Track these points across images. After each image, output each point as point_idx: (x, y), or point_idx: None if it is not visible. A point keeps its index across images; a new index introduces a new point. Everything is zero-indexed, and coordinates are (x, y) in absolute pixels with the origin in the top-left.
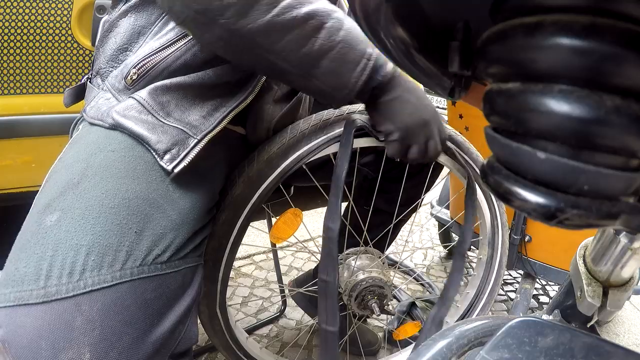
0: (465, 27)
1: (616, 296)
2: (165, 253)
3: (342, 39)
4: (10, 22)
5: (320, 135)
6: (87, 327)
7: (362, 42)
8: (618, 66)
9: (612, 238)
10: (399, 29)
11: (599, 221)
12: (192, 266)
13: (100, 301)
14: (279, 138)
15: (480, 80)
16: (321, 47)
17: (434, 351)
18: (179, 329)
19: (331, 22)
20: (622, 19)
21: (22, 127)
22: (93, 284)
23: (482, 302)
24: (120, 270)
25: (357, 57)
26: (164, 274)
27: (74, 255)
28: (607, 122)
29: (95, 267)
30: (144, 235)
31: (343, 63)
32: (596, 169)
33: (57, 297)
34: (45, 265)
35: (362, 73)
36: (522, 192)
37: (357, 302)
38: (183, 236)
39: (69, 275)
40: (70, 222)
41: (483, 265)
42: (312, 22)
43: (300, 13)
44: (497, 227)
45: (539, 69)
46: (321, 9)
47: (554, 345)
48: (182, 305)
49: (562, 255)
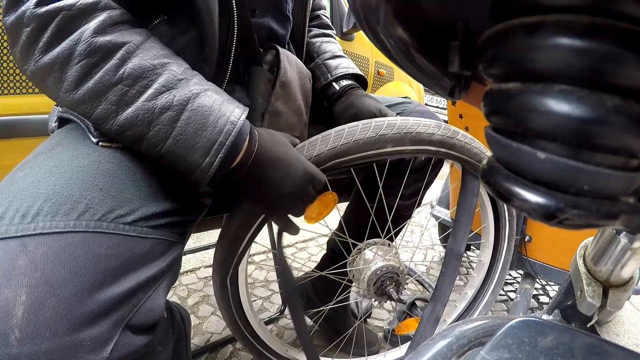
0: (465, 27)
1: (616, 296)
2: (129, 215)
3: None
4: None
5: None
6: (28, 268)
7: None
8: (618, 66)
9: (612, 238)
10: (398, 29)
11: (599, 221)
12: (165, 240)
13: (47, 245)
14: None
15: (480, 80)
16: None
17: (434, 351)
18: (138, 296)
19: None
20: (622, 19)
21: (22, 127)
22: (43, 228)
23: (483, 303)
24: (76, 220)
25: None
26: (125, 234)
27: (31, 201)
28: (607, 122)
29: (49, 213)
30: (109, 194)
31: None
32: (596, 169)
33: (5, 235)
34: (1, 209)
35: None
36: (522, 192)
37: (376, 288)
38: (153, 207)
39: (22, 218)
40: (36, 176)
41: (485, 267)
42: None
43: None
44: (503, 236)
45: (539, 69)
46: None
47: (554, 345)
48: (145, 274)
49: (562, 255)
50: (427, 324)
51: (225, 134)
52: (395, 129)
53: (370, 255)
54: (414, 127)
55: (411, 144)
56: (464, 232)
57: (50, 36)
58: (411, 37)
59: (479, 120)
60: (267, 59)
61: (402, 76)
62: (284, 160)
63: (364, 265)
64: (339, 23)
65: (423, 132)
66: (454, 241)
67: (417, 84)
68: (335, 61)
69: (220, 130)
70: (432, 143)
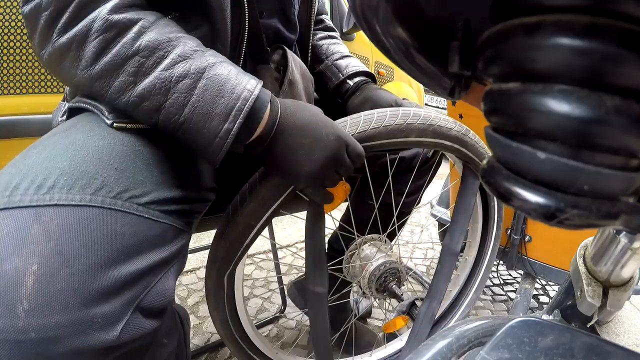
0: (465, 27)
1: (616, 296)
2: (143, 197)
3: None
4: (11, 22)
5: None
6: (42, 238)
7: (227, 93)
8: (618, 66)
9: (612, 238)
10: (398, 28)
11: (599, 221)
12: (176, 227)
13: (62, 216)
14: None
15: (480, 80)
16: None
17: (434, 351)
18: (149, 278)
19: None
20: (622, 19)
21: (22, 127)
22: (59, 199)
23: (467, 301)
24: (92, 195)
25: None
26: (139, 215)
27: (47, 174)
28: (607, 122)
29: (65, 186)
30: (124, 174)
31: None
32: (596, 169)
33: (19, 204)
34: (15, 180)
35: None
36: (522, 192)
37: (377, 285)
38: (165, 192)
39: (37, 189)
40: (52, 152)
41: (469, 266)
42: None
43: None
44: (490, 236)
45: (539, 69)
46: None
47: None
48: (157, 256)
49: (562, 255)
50: (422, 321)
51: (243, 100)
52: (421, 120)
53: (369, 252)
54: (437, 120)
55: (432, 136)
56: (461, 231)
57: (68, 17)
58: (411, 37)
59: (479, 120)
60: (274, 59)
61: (402, 76)
62: (312, 124)
63: (362, 262)
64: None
65: (443, 125)
66: (451, 239)
67: (417, 84)
68: (344, 61)
69: (238, 96)
70: (449, 138)
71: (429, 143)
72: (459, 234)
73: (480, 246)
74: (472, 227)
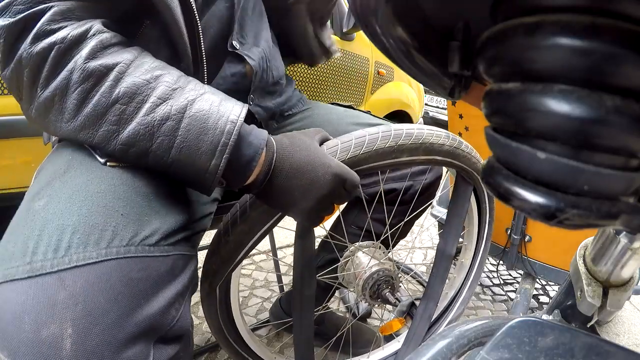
0: (465, 27)
1: (616, 296)
2: (152, 236)
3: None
4: None
5: None
6: (70, 302)
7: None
8: (618, 66)
9: (612, 238)
10: (398, 29)
11: (599, 221)
12: (184, 255)
13: (84, 277)
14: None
15: (480, 80)
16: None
17: (434, 351)
18: (171, 313)
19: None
20: (622, 19)
21: (22, 127)
22: (78, 260)
23: (460, 300)
24: (106, 249)
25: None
26: (151, 256)
27: (60, 234)
28: (607, 122)
29: (80, 244)
30: (130, 219)
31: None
32: (596, 169)
33: (41, 272)
34: (31, 244)
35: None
36: (522, 192)
37: (371, 292)
38: (170, 225)
39: (54, 252)
40: (57, 205)
41: (465, 269)
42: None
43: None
44: (482, 237)
45: (539, 69)
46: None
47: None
48: (172, 290)
49: (562, 255)
50: (420, 322)
51: (227, 134)
52: (413, 139)
53: (363, 259)
54: (429, 137)
55: (424, 154)
56: (455, 235)
57: (48, 70)
58: (411, 37)
59: (479, 120)
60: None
61: (402, 76)
62: (309, 166)
63: (355, 269)
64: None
65: (435, 142)
66: (445, 243)
67: (417, 84)
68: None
69: (222, 131)
70: (441, 153)
71: (421, 161)
72: (453, 237)
73: (475, 248)
74: (467, 231)
